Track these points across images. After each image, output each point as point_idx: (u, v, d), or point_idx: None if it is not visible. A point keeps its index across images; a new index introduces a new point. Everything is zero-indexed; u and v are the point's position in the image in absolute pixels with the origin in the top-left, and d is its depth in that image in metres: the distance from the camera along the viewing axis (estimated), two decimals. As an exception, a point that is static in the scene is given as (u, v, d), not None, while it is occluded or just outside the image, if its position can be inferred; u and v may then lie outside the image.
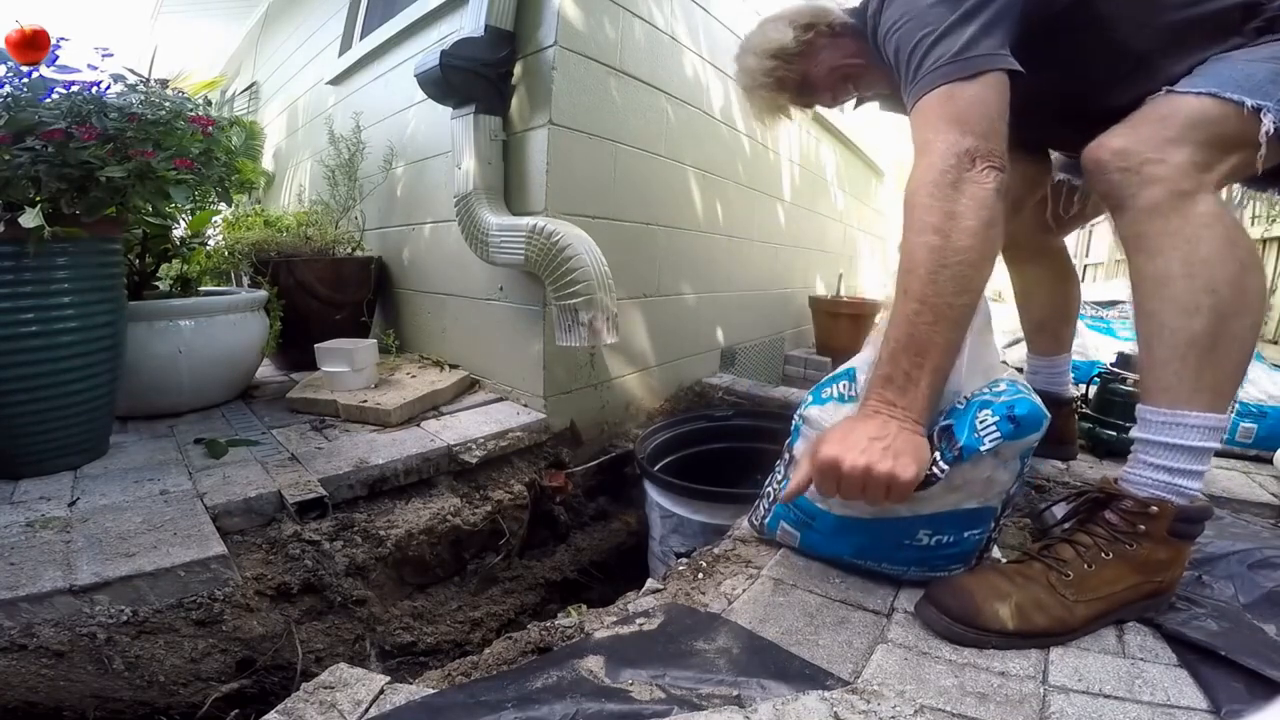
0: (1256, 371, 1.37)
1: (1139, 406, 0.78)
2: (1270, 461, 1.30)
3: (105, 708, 0.76)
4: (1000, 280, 1.30)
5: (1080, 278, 1.48)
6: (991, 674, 0.67)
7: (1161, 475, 0.75)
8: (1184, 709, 0.62)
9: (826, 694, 0.63)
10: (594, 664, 0.67)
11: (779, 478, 0.94)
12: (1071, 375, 1.32)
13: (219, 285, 1.87)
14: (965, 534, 0.81)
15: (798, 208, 2.75)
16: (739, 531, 1.00)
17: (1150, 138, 0.74)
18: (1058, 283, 1.28)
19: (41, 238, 0.99)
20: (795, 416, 0.92)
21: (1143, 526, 0.74)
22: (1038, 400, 0.77)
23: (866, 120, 3.52)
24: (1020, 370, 1.01)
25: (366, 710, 0.59)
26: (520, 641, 0.74)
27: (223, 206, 1.97)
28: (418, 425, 1.42)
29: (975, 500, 0.79)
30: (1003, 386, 0.79)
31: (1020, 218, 1.14)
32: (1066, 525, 0.82)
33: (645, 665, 0.67)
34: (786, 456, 0.93)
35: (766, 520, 0.94)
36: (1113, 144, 0.76)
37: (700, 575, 0.87)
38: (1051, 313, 1.27)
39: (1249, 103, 0.72)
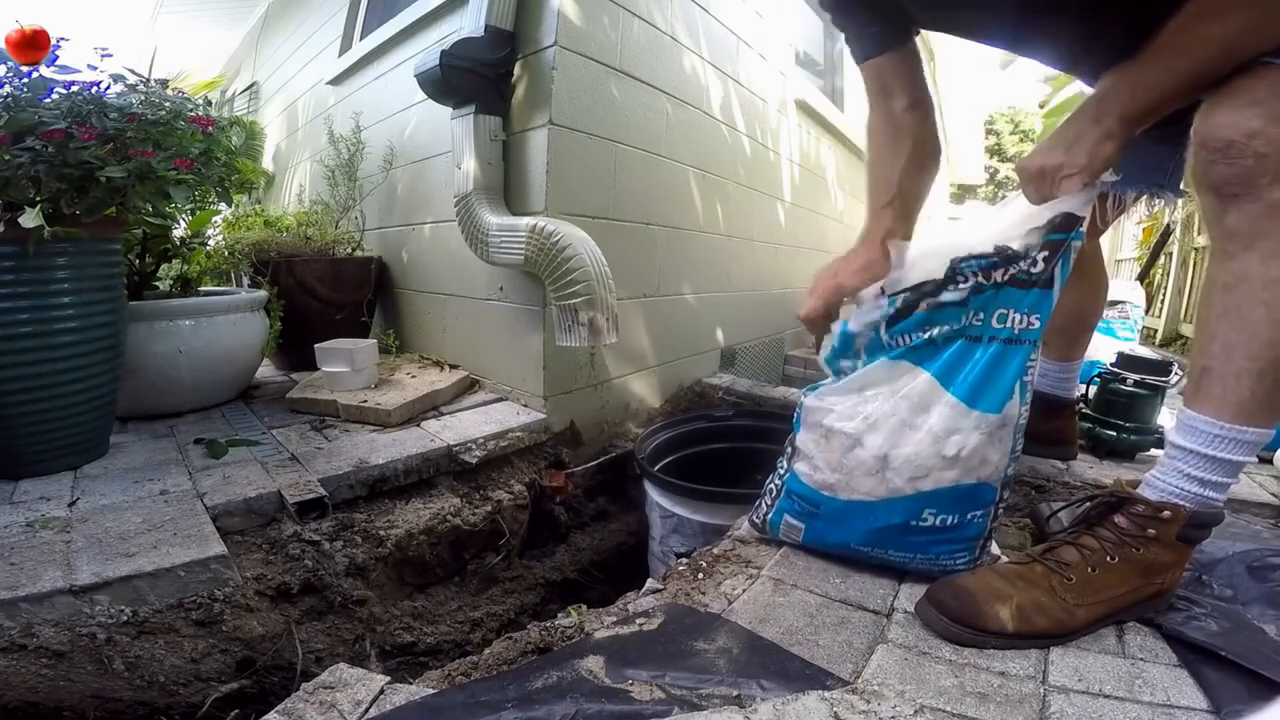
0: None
1: (1186, 413, 0.74)
2: (1270, 462, 1.30)
3: (105, 708, 0.76)
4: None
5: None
6: (991, 674, 0.67)
7: (1194, 486, 0.73)
8: (1184, 709, 0.62)
9: (826, 694, 0.63)
10: (594, 664, 0.67)
11: (782, 472, 0.94)
12: (1077, 378, 1.32)
13: (219, 285, 1.87)
14: (968, 515, 0.81)
15: (798, 208, 2.74)
16: (739, 532, 1.00)
17: None
18: (1088, 290, 1.23)
19: (41, 238, 0.99)
20: (796, 409, 0.93)
21: (1153, 531, 0.73)
22: None
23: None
24: None
25: (366, 710, 0.59)
26: (520, 641, 0.74)
27: (223, 206, 1.97)
28: (418, 425, 1.41)
29: (973, 476, 0.80)
30: None
31: None
32: (1073, 529, 0.81)
33: (645, 665, 0.67)
34: (789, 450, 0.94)
35: (770, 516, 0.95)
36: (1247, 124, 0.66)
37: (700, 575, 0.87)
38: (1074, 319, 1.23)
39: None
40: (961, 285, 0.80)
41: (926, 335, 0.83)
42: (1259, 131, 0.65)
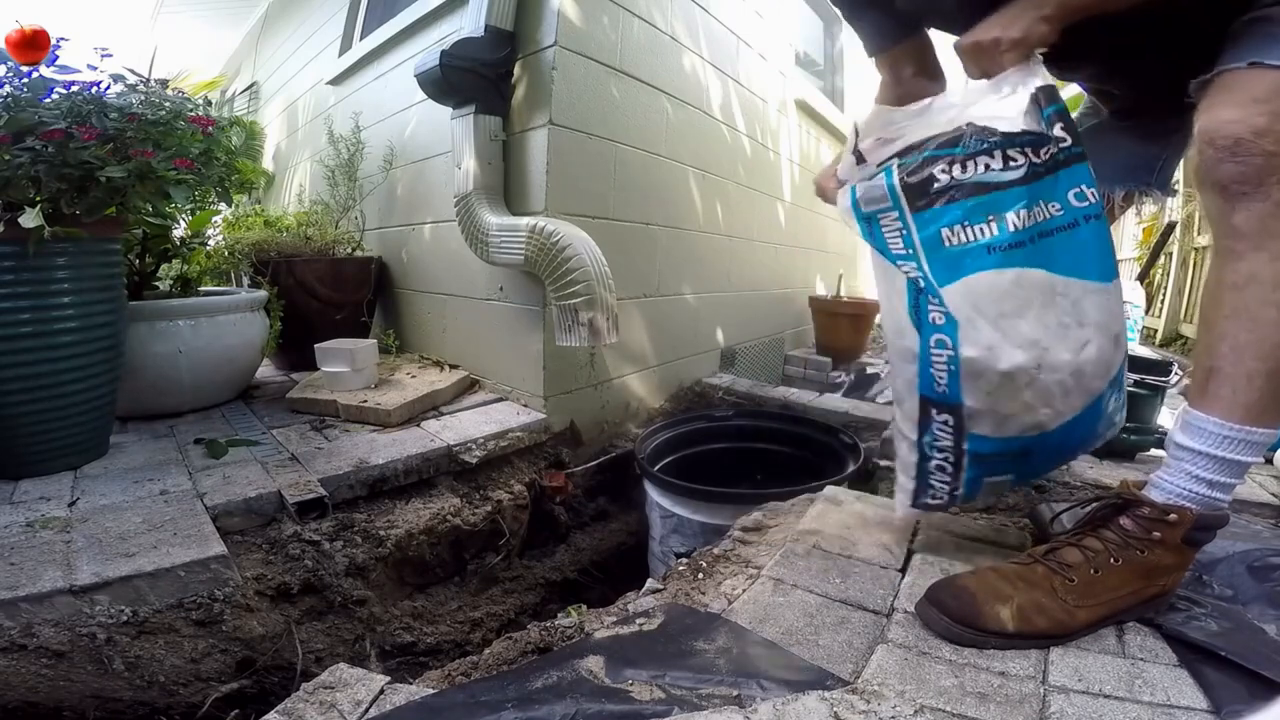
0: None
1: (1192, 413, 0.73)
2: (1270, 462, 1.30)
3: (105, 708, 0.76)
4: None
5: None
6: (991, 674, 0.67)
7: (1201, 487, 0.72)
8: (1184, 709, 0.62)
9: (826, 694, 0.63)
10: (594, 664, 0.67)
11: (944, 446, 0.84)
12: None
13: (219, 285, 1.87)
14: (1124, 386, 0.88)
15: (798, 208, 2.75)
16: (738, 532, 1.00)
17: None
18: None
19: (41, 238, 0.99)
20: (939, 350, 0.81)
21: (1158, 534, 0.72)
22: None
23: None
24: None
25: (366, 710, 0.59)
26: (520, 641, 0.74)
27: (223, 206, 1.97)
28: (418, 425, 1.41)
29: (1123, 349, 0.84)
30: None
31: None
32: (1076, 531, 0.80)
33: (645, 665, 0.67)
34: (949, 421, 0.83)
35: (960, 491, 0.87)
36: (1254, 122, 0.65)
37: (700, 575, 0.87)
38: None
39: None
40: (1014, 165, 0.78)
41: (1011, 228, 0.78)
42: (1267, 129, 0.65)
